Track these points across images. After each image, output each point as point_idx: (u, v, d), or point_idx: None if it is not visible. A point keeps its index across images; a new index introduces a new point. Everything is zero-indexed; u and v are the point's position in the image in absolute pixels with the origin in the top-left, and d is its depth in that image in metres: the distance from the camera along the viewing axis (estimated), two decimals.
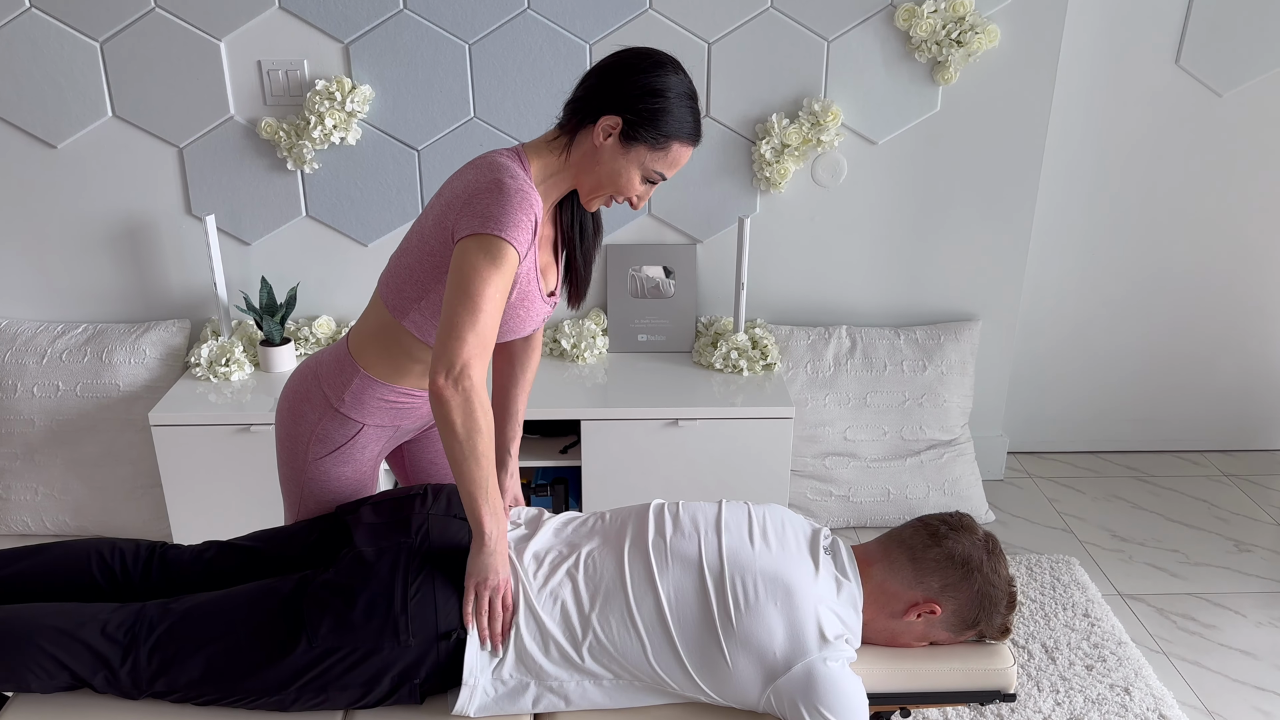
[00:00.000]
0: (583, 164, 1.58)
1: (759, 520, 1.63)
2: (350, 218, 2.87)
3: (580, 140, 1.57)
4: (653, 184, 1.61)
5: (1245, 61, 2.95)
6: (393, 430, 1.75)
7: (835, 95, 2.80)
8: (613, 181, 1.57)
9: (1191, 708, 2.27)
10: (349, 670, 1.46)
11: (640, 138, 1.53)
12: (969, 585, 1.59)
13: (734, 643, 1.48)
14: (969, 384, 3.02)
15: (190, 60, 2.68)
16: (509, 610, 1.51)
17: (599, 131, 1.53)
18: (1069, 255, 3.19)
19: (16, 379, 2.78)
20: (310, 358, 1.77)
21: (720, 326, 2.97)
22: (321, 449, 1.70)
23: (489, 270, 1.46)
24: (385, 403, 1.70)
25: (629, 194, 1.60)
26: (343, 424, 1.69)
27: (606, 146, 1.54)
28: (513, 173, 1.52)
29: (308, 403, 1.71)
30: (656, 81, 1.52)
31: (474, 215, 1.48)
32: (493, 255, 1.46)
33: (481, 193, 1.50)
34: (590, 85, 1.56)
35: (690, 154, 1.60)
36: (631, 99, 1.52)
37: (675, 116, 1.53)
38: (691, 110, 1.56)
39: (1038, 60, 2.79)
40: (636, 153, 1.54)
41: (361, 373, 1.67)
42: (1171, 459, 3.43)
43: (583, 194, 1.62)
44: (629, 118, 1.52)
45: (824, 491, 2.94)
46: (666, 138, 1.54)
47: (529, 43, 2.70)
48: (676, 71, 1.55)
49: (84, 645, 1.46)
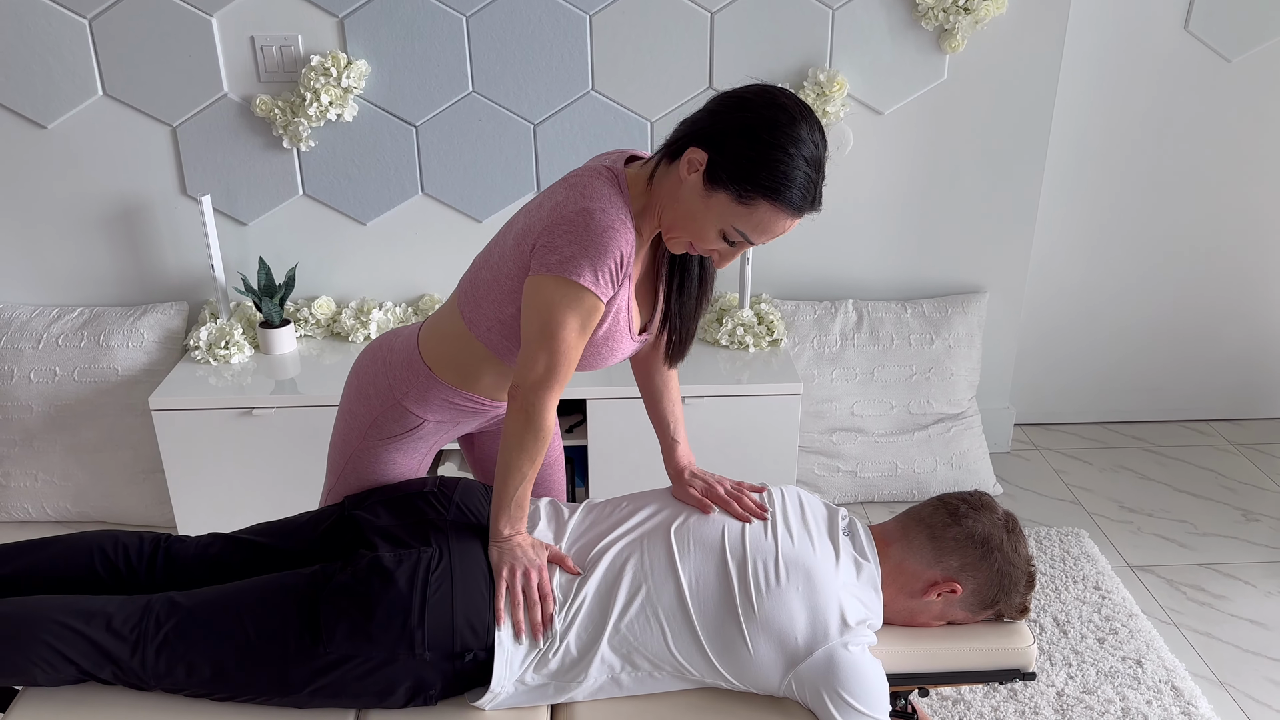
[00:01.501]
0: (665, 197, 1.41)
1: (779, 503, 1.61)
2: (348, 196, 2.83)
3: (669, 169, 1.39)
4: (735, 245, 1.38)
5: (1254, 27, 2.91)
6: (454, 425, 1.70)
7: (840, 65, 2.75)
8: (688, 225, 1.38)
9: (1203, 679, 2.27)
10: (363, 678, 1.43)
11: (724, 183, 1.32)
12: (988, 564, 1.58)
13: (755, 627, 1.46)
14: (976, 357, 3.00)
15: (181, 37, 2.62)
16: (548, 599, 1.47)
17: (684, 165, 1.35)
18: (1076, 226, 3.16)
19: (13, 364, 2.74)
20: (386, 337, 1.71)
21: (725, 302, 2.93)
22: (379, 433, 1.66)
23: (565, 314, 1.38)
24: (450, 404, 1.64)
25: (704, 245, 1.40)
26: (404, 416, 1.65)
27: (689, 184, 1.35)
28: (605, 202, 1.38)
29: (373, 386, 1.66)
30: (766, 126, 1.30)
31: (553, 251, 1.37)
32: (570, 301, 1.37)
33: (566, 224, 1.37)
34: (703, 109, 1.38)
35: (789, 225, 1.36)
36: (728, 137, 1.31)
37: (775, 173, 1.29)
38: (804, 174, 1.31)
39: (1045, 27, 2.74)
40: (718, 200, 1.33)
41: (428, 373, 1.61)
42: (1178, 429, 3.42)
43: (664, 231, 1.44)
44: (716, 157, 1.32)
45: (831, 467, 2.93)
46: (753, 192, 1.31)
47: (527, 14, 2.65)
48: (801, 125, 1.31)
49: (90, 641, 1.43)
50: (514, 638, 1.45)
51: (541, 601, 1.46)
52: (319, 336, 2.91)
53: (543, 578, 1.48)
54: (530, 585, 1.46)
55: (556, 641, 1.46)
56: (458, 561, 1.49)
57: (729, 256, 1.42)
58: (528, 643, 1.46)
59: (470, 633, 1.44)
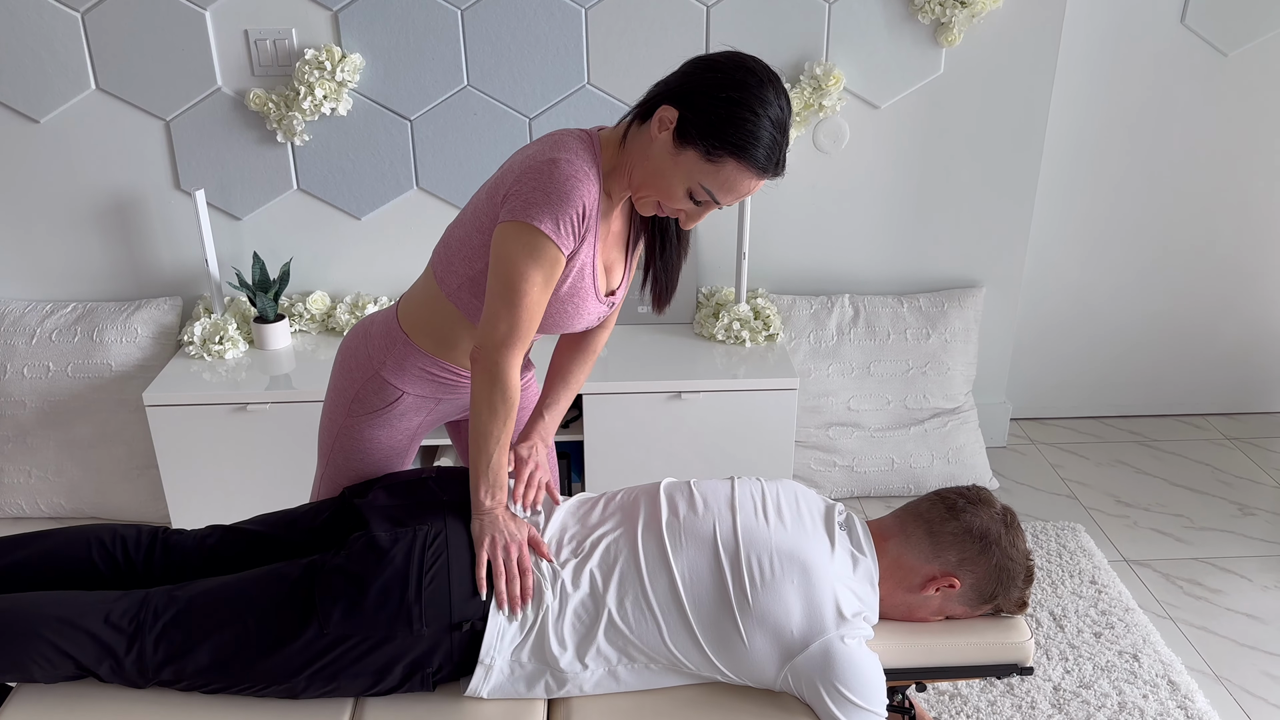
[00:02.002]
0: (635, 156, 1.43)
1: (773, 497, 1.60)
2: (342, 190, 2.81)
3: (641, 129, 1.43)
4: (701, 205, 1.42)
5: (1251, 21, 2.90)
6: (434, 403, 1.71)
7: (837, 58, 2.74)
8: (656, 183, 1.41)
9: (1200, 673, 2.27)
10: (360, 658, 1.43)
11: (693, 140, 1.35)
12: (987, 559, 1.57)
13: (750, 620, 1.46)
14: (972, 351, 2.99)
15: (175, 30, 2.60)
16: (528, 574, 1.48)
17: (655, 123, 1.38)
18: (1073, 220, 3.15)
19: (6, 360, 2.73)
20: (370, 315, 1.73)
21: (722, 297, 2.93)
22: (360, 408, 1.68)
23: (526, 264, 1.39)
24: (427, 374, 1.66)
25: (671, 204, 1.43)
26: (383, 388, 1.66)
27: (659, 141, 1.39)
28: (573, 154, 1.41)
29: (354, 360, 1.68)
30: (735, 85, 1.34)
31: (519, 197, 1.40)
32: (531, 249, 1.39)
33: (533, 172, 1.40)
34: (676, 71, 1.41)
35: (755, 185, 1.39)
36: (699, 95, 1.35)
37: (742, 130, 1.33)
38: (770, 134, 1.35)
39: (1042, 20, 2.73)
40: (687, 158, 1.37)
41: (405, 340, 1.63)
42: (1174, 423, 3.43)
43: (632, 191, 1.47)
44: (686, 114, 1.36)
45: (828, 462, 2.92)
46: (721, 148, 1.34)
47: (523, 8, 2.64)
48: (768, 88, 1.35)
49: (88, 635, 1.43)
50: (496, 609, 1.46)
51: (521, 575, 1.47)
52: (314, 331, 2.90)
53: (523, 552, 1.49)
54: (510, 558, 1.47)
55: (550, 629, 1.46)
56: (454, 536, 1.50)
57: (695, 217, 1.46)
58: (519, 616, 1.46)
59: (467, 603, 1.45)
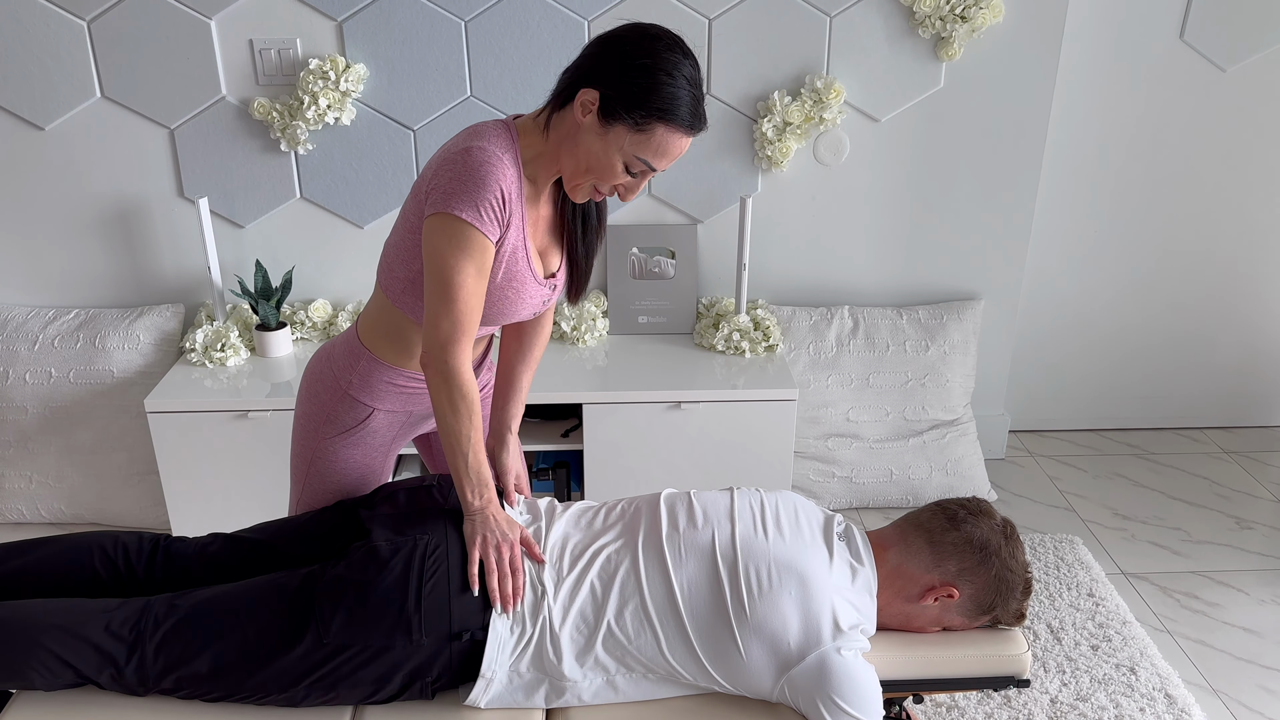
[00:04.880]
0: (563, 144, 1.45)
1: (771, 508, 1.61)
2: (345, 199, 2.83)
3: (562, 116, 1.44)
4: (638, 175, 1.45)
5: (1249, 37, 2.92)
6: (405, 416, 1.71)
7: (838, 72, 2.76)
8: (592, 166, 1.43)
9: (1197, 686, 2.27)
10: (360, 668, 1.43)
11: (619, 115, 1.38)
12: (986, 570, 1.58)
13: (747, 631, 1.46)
14: (971, 363, 3.00)
15: (180, 39, 2.62)
16: (519, 573, 1.48)
17: (578, 107, 1.40)
18: (1071, 233, 3.17)
19: (8, 365, 2.73)
20: (330, 342, 1.74)
21: (722, 308, 2.94)
22: (332, 429, 1.68)
23: (454, 254, 1.41)
24: (394, 386, 1.66)
25: (610, 182, 1.45)
26: (353, 407, 1.66)
27: (585, 125, 1.40)
28: (486, 141, 1.42)
29: (321, 383, 1.69)
30: (646, 54, 1.37)
31: (438, 190, 1.42)
32: (457, 239, 1.40)
33: (449, 162, 1.42)
34: (582, 54, 1.44)
35: (685, 144, 1.43)
36: (614, 71, 1.37)
37: (663, 95, 1.36)
38: (688, 93, 1.39)
39: (1042, 35, 2.75)
40: (616, 134, 1.39)
41: (368, 355, 1.64)
42: (1172, 436, 3.43)
43: (565, 179, 1.49)
44: (607, 92, 1.38)
45: (827, 473, 2.93)
46: (648, 116, 1.37)
47: (525, 19, 2.65)
48: (676, 50, 1.39)
49: (88, 643, 1.43)
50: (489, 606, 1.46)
51: (513, 573, 1.48)
52: (315, 339, 2.90)
53: (514, 551, 1.49)
54: (503, 557, 1.48)
55: (549, 636, 1.47)
56: (454, 545, 1.50)
57: (634, 189, 1.48)
58: (518, 625, 1.47)
59: (467, 613, 1.45)
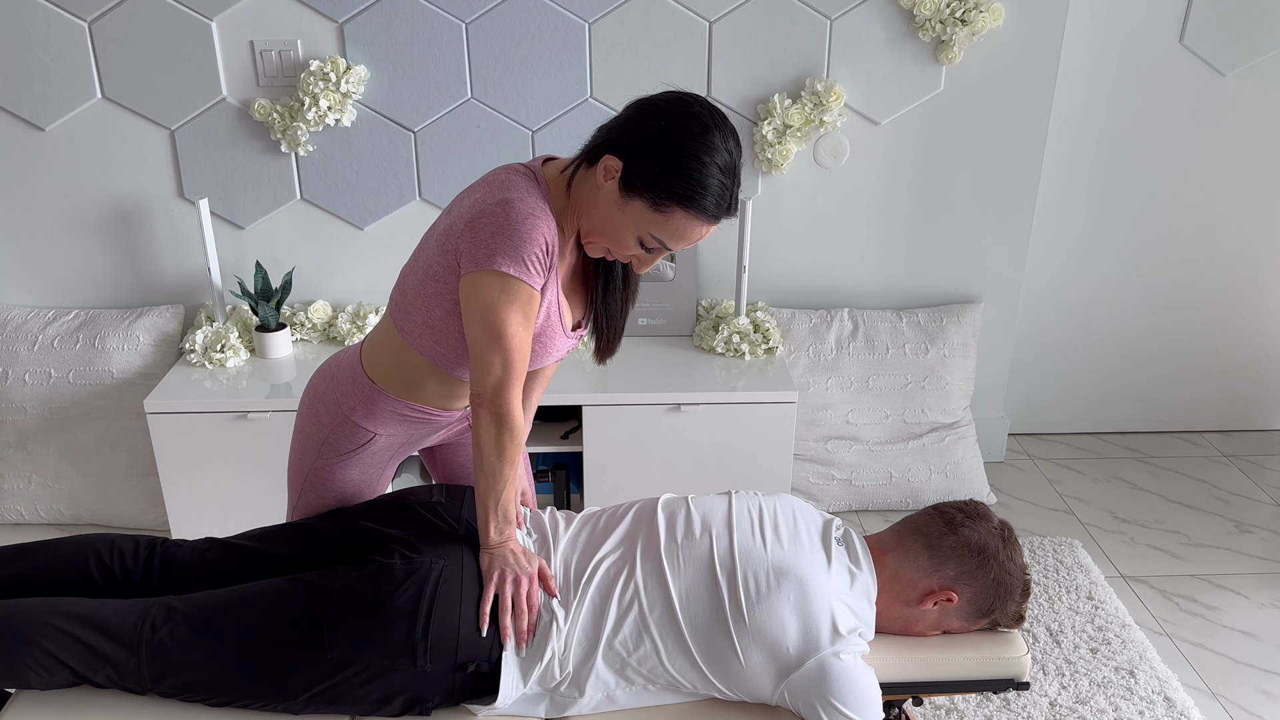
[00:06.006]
0: (583, 201, 1.42)
1: (770, 512, 1.61)
2: (346, 201, 2.83)
3: (587, 175, 1.41)
4: (652, 251, 1.40)
5: (1249, 41, 2.93)
6: (406, 438, 1.70)
7: (838, 75, 2.76)
8: (606, 231, 1.39)
9: (1196, 690, 2.27)
10: (361, 686, 1.42)
11: (638, 191, 1.33)
12: (985, 573, 1.58)
13: (746, 637, 1.46)
14: (971, 366, 3.01)
15: (181, 40, 2.62)
16: (534, 609, 1.47)
17: (600, 171, 1.37)
18: (1071, 237, 3.17)
19: (7, 366, 2.73)
20: (335, 356, 1.71)
21: (721, 310, 2.94)
22: (330, 451, 1.66)
23: (504, 308, 1.37)
24: (399, 415, 1.64)
25: (622, 251, 1.41)
26: (354, 431, 1.64)
27: (605, 190, 1.37)
28: (524, 192, 1.38)
29: (323, 404, 1.66)
30: (679, 135, 1.31)
31: (479, 246, 1.37)
32: (504, 293, 1.37)
33: (487, 216, 1.37)
34: (619, 116, 1.39)
35: (705, 231, 1.37)
36: (642, 145, 1.33)
37: (689, 180, 1.31)
38: (718, 181, 1.32)
39: (1042, 39, 2.76)
40: (634, 208, 1.35)
41: (373, 386, 1.61)
42: (1171, 439, 3.44)
43: (582, 235, 1.45)
44: (631, 165, 1.33)
45: (826, 475, 2.93)
46: (667, 199, 1.32)
47: (526, 22, 2.66)
48: (713, 133, 1.33)
49: (85, 645, 1.43)
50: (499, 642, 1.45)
51: (529, 610, 1.47)
52: (315, 341, 2.90)
53: (532, 587, 1.48)
54: (520, 593, 1.46)
55: (553, 656, 1.46)
56: (467, 576, 1.49)
57: (647, 263, 1.44)
58: (528, 654, 1.46)
59: (474, 645, 1.44)
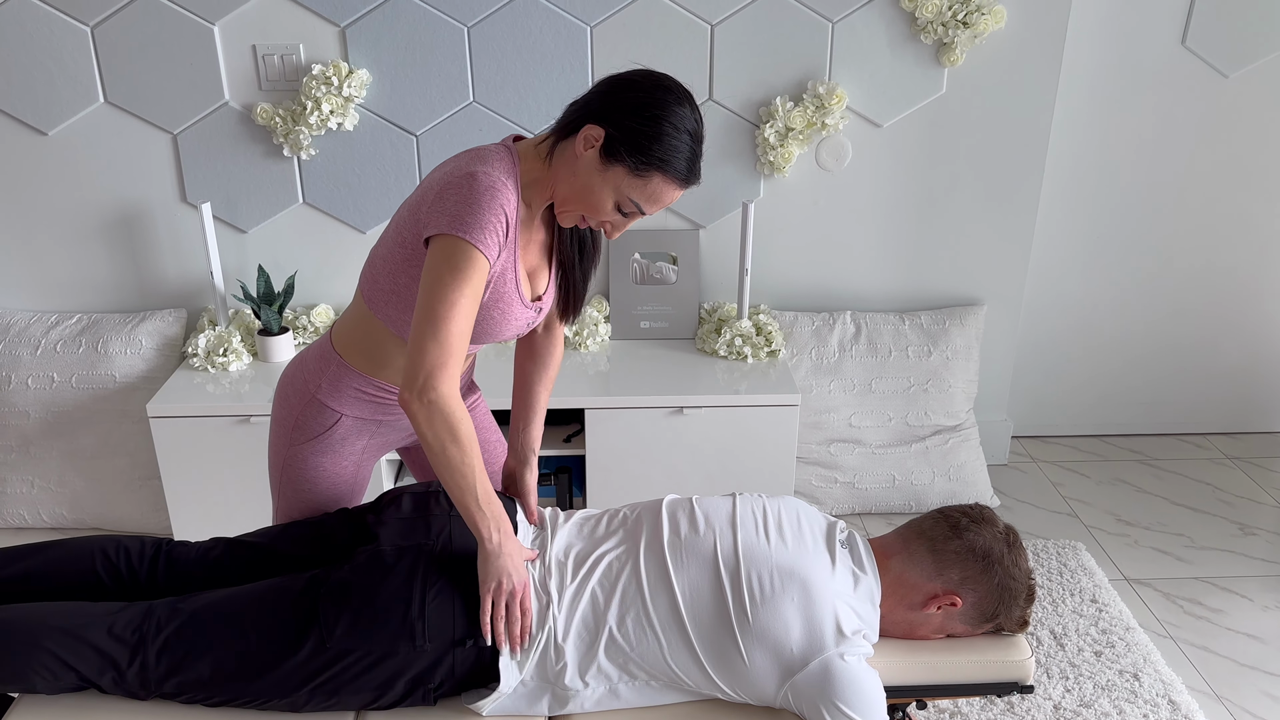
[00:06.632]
0: (561, 173, 1.48)
1: (774, 514, 1.61)
2: (348, 204, 2.83)
3: (565, 146, 1.47)
4: (627, 215, 1.48)
5: (1252, 43, 2.93)
6: (374, 425, 1.71)
7: (840, 78, 2.76)
8: (584, 199, 1.46)
9: (1200, 693, 2.27)
10: (363, 673, 1.43)
11: (620, 158, 1.41)
12: (989, 578, 1.58)
13: (750, 638, 1.46)
14: (974, 369, 3.00)
15: (183, 45, 2.62)
16: (528, 615, 1.48)
17: (580, 141, 1.43)
18: (1074, 239, 3.17)
19: (10, 370, 2.74)
20: (304, 349, 1.75)
21: (724, 313, 2.94)
22: (301, 435, 1.68)
23: (451, 278, 1.40)
24: (362, 394, 1.65)
25: (599, 217, 1.48)
26: (320, 411, 1.66)
27: (585, 159, 1.44)
28: (491, 166, 1.45)
29: (292, 388, 1.69)
30: (656, 104, 1.41)
31: (442, 213, 1.42)
32: (456, 261, 1.40)
33: (453, 186, 1.43)
34: (593, 91, 1.47)
35: (676, 195, 1.47)
36: (623, 114, 1.41)
37: (666, 146, 1.41)
38: (689, 147, 1.44)
39: (1044, 42, 2.75)
40: (614, 174, 1.43)
41: (339, 360, 1.64)
42: (1175, 442, 3.43)
43: (556, 205, 1.52)
44: (613, 133, 1.41)
45: (829, 478, 2.93)
46: (648, 165, 1.41)
47: (528, 25, 2.66)
48: (685, 104, 1.44)
49: (90, 646, 1.43)
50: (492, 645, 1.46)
51: (522, 615, 1.48)
52: None
53: (525, 593, 1.48)
54: (514, 601, 1.47)
55: (554, 649, 1.46)
56: (460, 549, 1.50)
57: (620, 227, 1.51)
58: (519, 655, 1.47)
59: (471, 621, 1.46)
